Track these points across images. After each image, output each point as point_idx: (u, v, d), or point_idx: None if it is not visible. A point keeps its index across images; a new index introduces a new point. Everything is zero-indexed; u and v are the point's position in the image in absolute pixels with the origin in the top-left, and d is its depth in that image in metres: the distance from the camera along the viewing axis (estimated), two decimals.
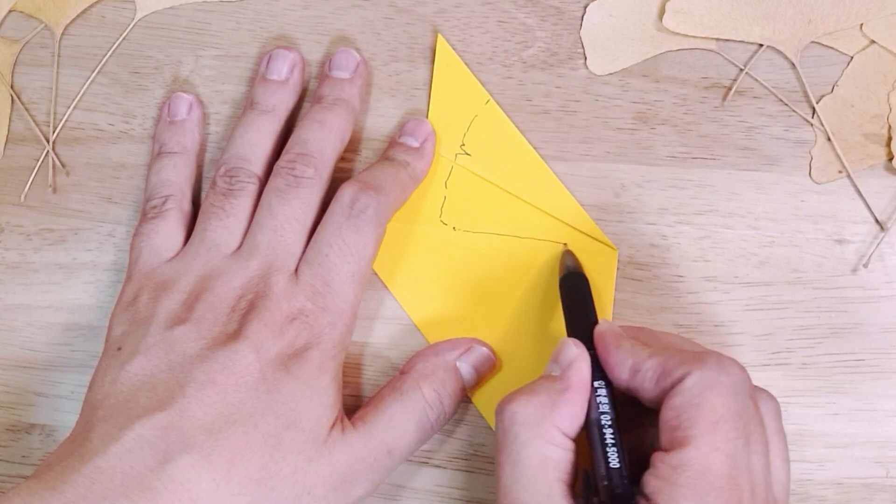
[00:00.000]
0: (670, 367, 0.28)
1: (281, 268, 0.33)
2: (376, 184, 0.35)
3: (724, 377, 0.28)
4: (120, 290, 0.35)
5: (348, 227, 0.34)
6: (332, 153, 0.36)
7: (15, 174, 0.40)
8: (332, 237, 0.34)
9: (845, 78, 0.38)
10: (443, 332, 0.36)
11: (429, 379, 0.33)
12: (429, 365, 0.34)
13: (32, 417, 0.37)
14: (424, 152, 0.37)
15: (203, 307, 0.32)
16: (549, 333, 0.36)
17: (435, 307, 0.36)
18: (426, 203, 0.37)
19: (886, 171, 0.37)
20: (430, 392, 0.33)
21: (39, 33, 0.41)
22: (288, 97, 0.38)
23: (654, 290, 0.36)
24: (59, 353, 0.37)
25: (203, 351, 0.31)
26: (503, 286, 0.36)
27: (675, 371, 0.28)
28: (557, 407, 0.29)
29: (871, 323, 0.36)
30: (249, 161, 0.36)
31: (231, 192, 0.35)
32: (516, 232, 0.37)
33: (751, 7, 0.39)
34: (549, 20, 0.40)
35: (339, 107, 0.37)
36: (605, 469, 0.28)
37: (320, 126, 0.36)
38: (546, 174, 0.37)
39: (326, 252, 0.34)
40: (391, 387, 0.33)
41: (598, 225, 0.37)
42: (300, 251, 0.34)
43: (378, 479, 0.32)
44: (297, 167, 0.35)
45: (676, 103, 0.38)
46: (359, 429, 0.32)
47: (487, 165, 0.38)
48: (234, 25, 0.41)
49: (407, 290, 0.37)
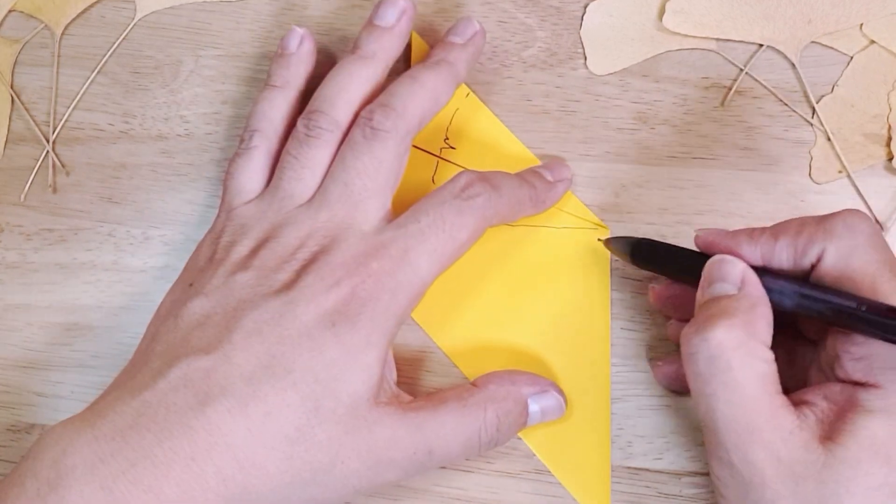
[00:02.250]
0: (801, 245, 0.29)
1: (351, 223, 0.33)
2: (496, 182, 0.34)
3: (858, 237, 0.29)
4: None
5: (452, 206, 0.33)
6: (418, 111, 0.34)
7: (15, 174, 0.40)
8: (430, 207, 0.33)
9: (845, 78, 0.38)
10: (438, 324, 0.36)
11: (497, 404, 0.32)
12: (502, 390, 0.33)
13: (32, 417, 0.37)
14: (555, 191, 0.36)
15: (266, 255, 0.32)
16: (547, 313, 0.36)
17: (429, 301, 0.36)
18: (414, 199, 0.37)
19: (886, 171, 0.37)
20: (493, 417, 0.32)
21: (39, 33, 0.41)
22: (391, 45, 0.36)
23: None
24: (59, 353, 0.37)
25: (256, 298, 0.31)
26: (496, 274, 0.36)
27: (809, 249, 0.29)
28: (755, 323, 0.28)
29: None
30: (333, 105, 0.34)
31: (308, 140, 0.34)
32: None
33: (751, 7, 0.39)
34: (549, 20, 0.40)
35: (441, 67, 0.35)
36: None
37: (412, 81, 0.35)
38: (530, 161, 0.38)
39: (419, 219, 0.32)
40: (457, 394, 0.32)
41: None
42: (375, 209, 0.33)
43: (412, 472, 0.31)
44: (375, 118, 0.34)
45: (676, 103, 0.38)
46: (409, 417, 0.31)
47: (472, 157, 0.38)
48: (234, 25, 0.41)
49: None
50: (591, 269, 0.36)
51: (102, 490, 0.27)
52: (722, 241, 0.31)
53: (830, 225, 0.29)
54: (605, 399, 0.35)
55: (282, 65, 0.37)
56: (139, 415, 0.28)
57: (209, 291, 0.32)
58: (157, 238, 0.38)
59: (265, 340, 0.30)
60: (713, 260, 0.30)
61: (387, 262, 0.32)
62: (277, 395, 0.29)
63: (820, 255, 0.29)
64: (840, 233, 0.29)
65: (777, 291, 0.29)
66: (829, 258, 0.29)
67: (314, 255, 0.32)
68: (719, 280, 0.30)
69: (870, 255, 0.28)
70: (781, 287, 0.29)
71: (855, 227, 0.29)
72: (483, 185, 0.33)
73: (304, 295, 0.31)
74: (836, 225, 0.29)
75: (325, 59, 0.39)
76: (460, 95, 0.38)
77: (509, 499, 0.34)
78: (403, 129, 0.34)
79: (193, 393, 0.29)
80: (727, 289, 0.29)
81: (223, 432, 0.28)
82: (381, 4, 0.37)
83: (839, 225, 0.29)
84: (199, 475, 0.28)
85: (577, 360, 0.35)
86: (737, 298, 0.29)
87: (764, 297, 0.29)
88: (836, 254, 0.29)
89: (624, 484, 0.34)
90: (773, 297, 0.29)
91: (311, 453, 0.29)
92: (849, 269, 0.28)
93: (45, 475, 0.27)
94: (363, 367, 0.30)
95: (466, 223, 0.33)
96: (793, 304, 0.29)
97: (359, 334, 0.31)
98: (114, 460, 0.27)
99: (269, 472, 0.29)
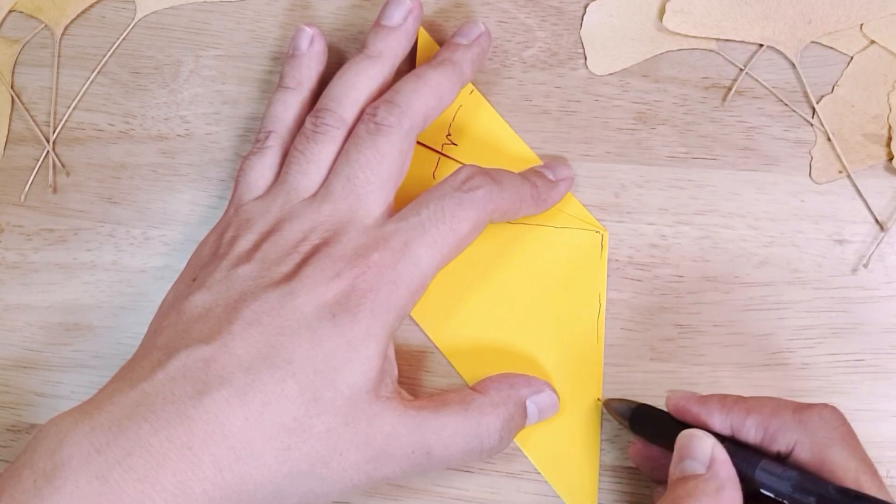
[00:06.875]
0: (772, 429, 0.29)
1: (353, 217, 0.33)
2: (497, 177, 0.34)
3: (834, 433, 0.28)
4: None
5: (453, 198, 0.33)
6: (422, 108, 0.34)
7: (15, 174, 0.40)
8: (431, 200, 0.33)
9: (845, 78, 0.38)
10: (434, 320, 0.36)
11: (499, 409, 0.32)
12: (502, 395, 0.33)
13: (32, 417, 0.37)
14: (557, 191, 0.36)
15: (268, 248, 0.32)
16: (541, 312, 0.36)
17: (426, 297, 0.36)
18: (415, 194, 0.37)
19: (886, 171, 0.37)
20: (495, 421, 0.32)
21: (39, 33, 0.41)
22: (398, 44, 0.36)
23: (654, 290, 0.36)
24: (59, 353, 0.37)
25: (257, 290, 0.31)
26: (492, 272, 0.36)
27: (780, 436, 0.29)
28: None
29: (871, 323, 0.35)
30: (340, 103, 0.35)
31: (314, 137, 0.34)
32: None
33: (751, 7, 0.39)
34: (549, 20, 0.40)
35: (446, 66, 0.36)
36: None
37: (417, 79, 0.35)
38: (532, 160, 0.38)
39: (420, 211, 0.33)
40: (459, 397, 0.32)
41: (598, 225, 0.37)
42: (377, 204, 0.33)
43: (409, 472, 0.31)
44: (378, 113, 0.34)
45: (676, 103, 0.38)
46: (409, 415, 0.31)
47: (474, 154, 0.38)
48: (234, 25, 0.41)
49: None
50: (585, 270, 0.36)
51: (97, 480, 0.27)
52: (693, 407, 0.31)
53: (806, 417, 0.29)
54: (596, 400, 0.35)
55: (294, 66, 0.37)
56: (137, 405, 0.28)
57: (211, 285, 0.32)
58: (157, 238, 0.38)
59: (265, 331, 0.30)
60: (683, 435, 0.30)
61: (387, 255, 0.32)
62: (276, 386, 0.29)
63: (791, 446, 0.29)
64: (816, 427, 0.28)
65: (776, 475, 0.28)
66: (804, 451, 0.28)
67: (316, 247, 0.32)
68: (688, 457, 0.29)
69: (848, 452, 0.28)
70: (781, 473, 0.28)
71: (831, 423, 0.29)
72: (484, 179, 0.34)
73: (304, 286, 0.31)
74: (812, 418, 0.29)
75: (333, 57, 0.39)
76: (464, 92, 0.39)
77: (510, 499, 0.34)
78: (407, 126, 0.34)
79: (192, 383, 0.29)
80: (695, 468, 0.29)
81: (220, 421, 0.28)
82: (388, 4, 0.37)
83: (815, 418, 0.29)
84: (196, 464, 0.28)
85: (570, 360, 0.35)
86: (704, 480, 0.28)
87: (732, 479, 0.28)
88: (812, 447, 0.28)
89: (624, 484, 0.34)
90: (766, 481, 0.28)
91: (309, 444, 0.29)
92: (828, 463, 0.28)
93: (42, 466, 0.27)
94: (363, 358, 0.30)
95: (467, 216, 0.33)
96: (788, 491, 0.28)
97: (359, 326, 0.31)
98: (109, 450, 0.27)
99: (266, 462, 0.29)
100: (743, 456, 0.29)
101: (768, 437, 0.29)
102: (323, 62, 0.37)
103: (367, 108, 0.35)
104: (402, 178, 0.34)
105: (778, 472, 0.28)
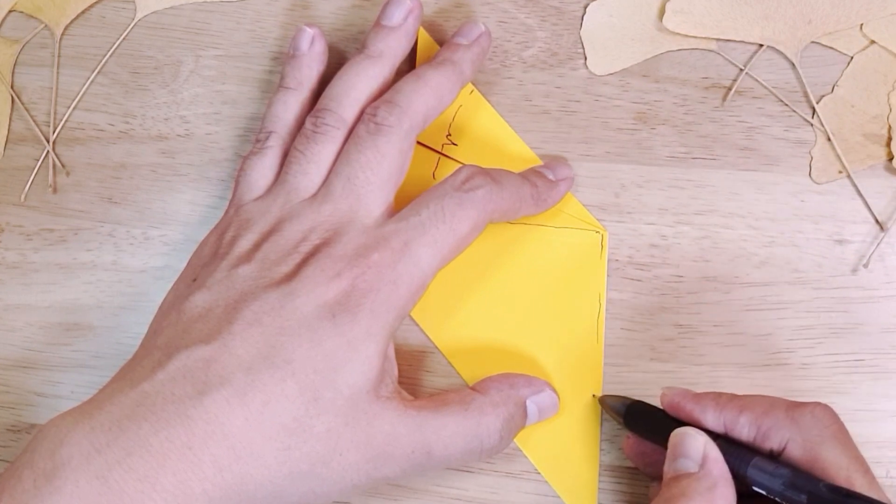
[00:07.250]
0: (765, 427, 0.29)
1: (353, 217, 0.33)
2: (497, 177, 0.34)
3: (826, 431, 0.29)
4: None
5: (453, 198, 0.33)
6: (422, 108, 0.35)
7: (15, 174, 0.40)
8: (431, 200, 0.33)
9: (845, 78, 0.38)
10: (434, 320, 0.36)
11: (499, 409, 0.32)
12: (502, 395, 0.33)
13: (32, 417, 0.37)
14: (557, 191, 0.36)
15: (268, 248, 0.32)
16: (541, 312, 0.36)
17: (426, 296, 0.36)
18: (415, 194, 0.37)
19: (886, 171, 0.37)
20: (495, 421, 0.32)
21: (39, 33, 0.41)
22: (398, 44, 0.36)
23: (654, 290, 0.36)
24: (59, 353, 0.37)
25: (257, 290, 0.31)
26: (492, 272, 0.36)
27: (772, 434, 0.29)
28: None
29: (871, 323, 0.36)
30: (341, 103, 0.35)
31: (314, 137, 0.34)
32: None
33: (751, 7, 0.39)
34: (549, 20, 0.40)
35: (445, 66, 0.36)
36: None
37: (416, 79, 0.35)
38: (532, 160, 0.38)
39: (420, 211, 0.33)
40: (459, 398, 0.32)
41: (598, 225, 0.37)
42: (377, 204, 0.33)
43: (409, 472, 0.31)
44: (378, 113, 0.34)
45: (676, 103, 0.38)
46: (409, 414, 0.31)
47: (474, 154, 0.38)
48: (234, 25, 0.41)
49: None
50: (585, 270, 0.36)
51: (97, 480, 0.27)
52: (687, 404, 0.31)
53: (798, 415, 0.29)
54: (595, 400, 0.35)
55: (294, 66, 0.37)
56: (137, 405, 0.28)
57: (211, 285, 0.32)
58: (157, 238, 0.38)
59: (265, 331, 0.30)
60: (676, 433, 0.30)
61: (387, 254, 0.32)
62: (276, 386, 0.29)
63: (783, 444, 0.29)
64: (808, 425, 0.29)
65: (768, 473, 0.28)
66: (796, 449, 0.28)
67: (316, 247, 0.32)
68: (681, 456, 0.29)
69: (840, 450, 0.28)
70: (773, 470, 0.28)
71: (823, 421, 0.29)
72: (484, 178, 0.34)
73: (304, 286, 0.31)
74: (805, 416, 0.29)
75: (333, 57, 0.39)
76: (464, 92, 0.39)
77: (509, 499, 0.34)
78: (407, 125, 0.34)
79: (192, 383, 0.29)
80: (688, 466, 0.29)
81: (220, 421, 0.28)
82: (388, 4, 0.37)
83: (807, 416, 0.29)
84: (196, 464, 0.28)
85: (570, 360, 0.35)
86: (697, 478, 0.28)
87: (725, 476, 0.28)
88: (804, 445, 0.28)
89: (623, 483, 0.34)
90: (758, 478, 0.28)
91: (309, 444, 0.29)
92: (819, 461, 0.28)
93: (42, 466, 0.27)
94: (363, 358, 0.30)
95: (467, 215, 0.33)
96: (780, 489, 0.28)
97: (359, 326, 0.31)
98: (109, 450, 0.27)
99: (266, 462, 0.29)
100: (736, 454, 0.29)
101: (761, 435, 0.29)
102: (323, 62, 0.37)
103: (368, 108, 0.35)
104: (402, 178, 0.34)
105: (770, 469, 0.28)
